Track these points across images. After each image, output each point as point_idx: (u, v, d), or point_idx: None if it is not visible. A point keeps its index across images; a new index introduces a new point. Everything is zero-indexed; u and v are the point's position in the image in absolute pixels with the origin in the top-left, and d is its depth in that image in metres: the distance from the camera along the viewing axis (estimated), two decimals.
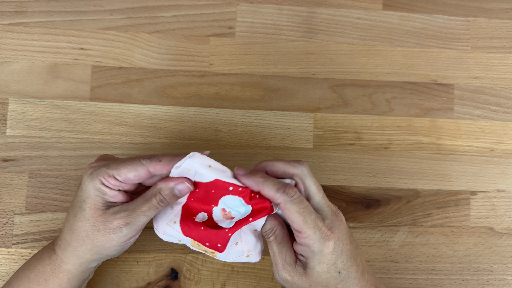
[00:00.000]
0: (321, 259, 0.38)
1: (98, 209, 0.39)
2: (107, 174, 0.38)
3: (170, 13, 0.53)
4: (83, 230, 0.39)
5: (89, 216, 0.39)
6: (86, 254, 0.40)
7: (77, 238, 0.39)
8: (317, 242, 0.38)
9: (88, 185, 0.39)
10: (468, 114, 0.53)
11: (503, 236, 0.52)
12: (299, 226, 0.38)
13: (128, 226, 0.39)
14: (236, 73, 0.52)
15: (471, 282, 0.52)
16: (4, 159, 0.50)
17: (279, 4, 0.53)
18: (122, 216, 0.39)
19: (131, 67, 0.52)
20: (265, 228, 0.40)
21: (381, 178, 0.52)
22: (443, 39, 0.54)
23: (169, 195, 0.39)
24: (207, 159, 0.39)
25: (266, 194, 0.38)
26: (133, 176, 0.39)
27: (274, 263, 0.40)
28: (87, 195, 0.39)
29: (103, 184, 0.39)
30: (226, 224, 0.40)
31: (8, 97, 0.50)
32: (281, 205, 0.38)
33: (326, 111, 0.53)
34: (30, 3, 0.52)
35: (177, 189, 0.39)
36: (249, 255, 0.41)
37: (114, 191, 0.39)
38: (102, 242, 0.39)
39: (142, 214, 0.39)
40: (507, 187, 0.53)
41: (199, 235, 0.40)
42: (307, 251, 0.39)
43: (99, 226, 0.39)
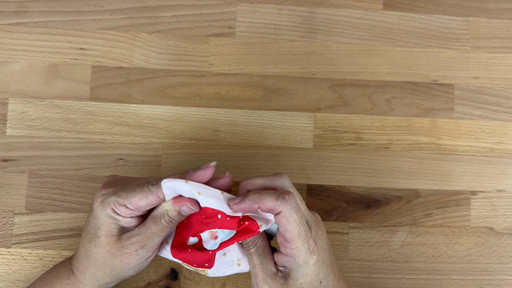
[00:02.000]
0: (305, 271, 0.38)
1: (113, 236, 0.39)
2: (118, 203, 0.38)
3: (170, 13, 0.53)
4: (99, 256, 0.39)
5: (105, 243, 0.39)
6: (105, 278, 0.40)
7: (94, 263, 0.40)
8: (304, 254, 0.38)
9: (100, 214, 0.38)
10: (468, 114, 0.53)
11: (503, 236, 0.52)
12: (292, 236, 0.37)
13: (144, 249, 0.39)
14: (236, 73, 0.52)
15: (471, 282, 0.51)
16: (4, 159, 0.50)
17: (279, 4, 0.53)
18: (136, 241, 0.39)
19: (131, 67, 0.52)
20: (245, 241, 0.40)
21: (381, 178, 0.52)
22: (443, 39, 0.54)
23: (177, 216, 0.38)
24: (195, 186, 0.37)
25: (266, 206, 0.37)
26: (144, 204, 0.38)
27: (254, 275, 0.40)
28: (101, 222, 0.39)
29: (115, 213, 0.38)
30: (211, 245, 0.40)
31: (8, 97, 0.50)
32: (281, 213, 0.37)
33: (326, 111, 0.53)
34: (30, 3, 0.52)
35: (183, 211, 0.38)
36: (240, 264, 0.41)
37: (127, 219, 0.39)
38: (120, 266, 0.39)
39: (154, 236, 0.38)
40: (507, 187, 0.53)
41: (187, 258, 0.40)
42: (292, 262, 0.38)
43: (115, 252, 0.39)
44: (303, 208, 0.39)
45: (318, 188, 0.52)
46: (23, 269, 0.49)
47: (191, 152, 0.51)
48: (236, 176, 0.51)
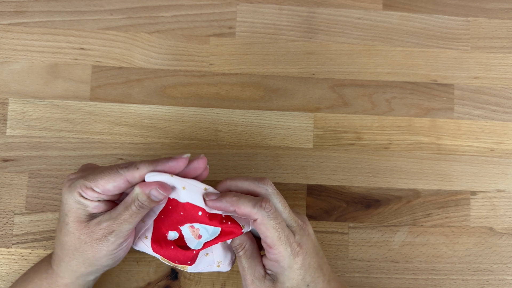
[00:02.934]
0: (291, 275, 0.38)
1: (81, 222, 0.38)
2: (85, 186, 0.37)
3: (170, 13, 0.53)
4: (70, 244, 0.38)
5: (73, 230, 0.38)
6: (80, 267, 0.39)
7: (67, 252, 0.39)
8: (287, 258, 0.38)
9: (68, 198, 0.38)
10: (468, 114, 0.53)
11: (503, 236, 0.52)
12: (272, 242, 0.37)
13: (113, 234, 0.37)
14: (236, 73, 0.52)
15: (471, 282, 0.51)
16: (4, 159, 0.50)
17: (279, 4, 0.53)
18: (105, 226, 0.37)
19: (131, 67, 0.52)
20: (234, 243, 0.40)
21: (381, 178, 0.52)
22: (443, 39, 0.54)
23: (147, 201, 0.37)
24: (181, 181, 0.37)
25: (242, 211, 0.37)
26: (111, 187, 0.37)
27: (243, 278, 0.40)
28: (68, 208, 0.38)
29: (82, 197, 0.37)
30: (195, 245, 0.40)
31: (8, 97, 0.50)
32: (258, 220, 0.37)
33: (326, 111, 0.53)
34: (30, 3, 0.52)
35: (152, 195, 0.37)
36: (220, 265, 0.41)
37: (95, 203, 0.38)
38: (92, 253, 0.38)
39: (124, 221, 0.37)
40: (507, 187, 0.53)
41: (169, 254, 0.40)
42: (277, 266, 0.38)
43: (85, 238, 0.38)
44: (286, 213, 0.39)
45: (318, 188, 0.52)
46: (23, 269, 0.49)
47: (191, 152, 0.51)
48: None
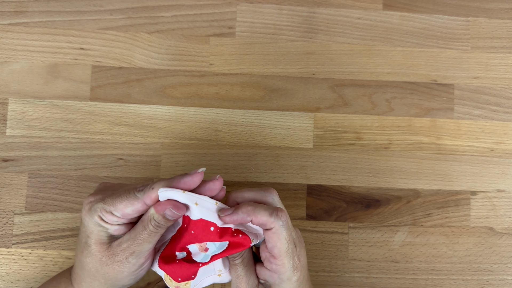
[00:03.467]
0: (287, 287, 0.39)
1: (103, 244, 0.38)
2: (105, 210, 0.37)
3: (170, 13, 0.53)
4: (92, 266, 0.38)
5: (95, 252, 0.38)
6: (101, 286, 0.39)
7: (88, 273, 0.39)
8: (288, 270, 0.38)
9: (89, 222, 0.38)
10: (468, 114, 0.53)
11: (503, 236, 0.52)
12: (280, 252, 0.37)
13: (134, 255, 0.37)
14: (236, 73, 0.52)
15: (471, 282, 0.51)
16: (4, 159, 0.50)
17: (279, 4, 0.53)
18: (126, 247, 0.37)
19: (131, 67, 0.52)
20: None
21: (381, 178, 0.52)
22: (443, 39, 0.54)
23: (163, 220, 0.37)
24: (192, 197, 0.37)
25: (259, 221, 0.37)
26: (130, 211, 0.37)
27: (237, 285, 0.39)
28: (90, 230, 0.38)
29: (103, 220, 0.37)
30: (201, 258, 0.39)
31: (8, 97, 0.50)
32: (273, 229, 0.37)
33: (326, 111, 0.53)
34: (30, 3, 0.52)
35: (167, 215, 0.37)
36: (221, 274, 0.41)
37: (115, 226, 0.38)
38: (113, 274, 0.38)
39: (143, 241, 0.37)
40: (507, 187, 0.53)
41: (173, 269, 0.39)
42: (275, 277, 0.38)
43: (107, 260, 0.38)
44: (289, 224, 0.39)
45: (318, 188, 0.52)
46: (23, 269, 0.49)
47: (191, 152, 0.51)
48: (236, 176, 0.51)
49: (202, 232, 0.38)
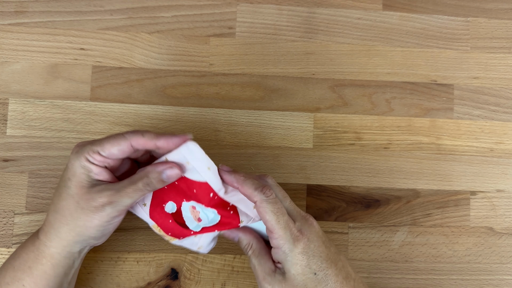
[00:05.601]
0: (293, 260, 0.39)
1: (83, 187, 0.39)
2: (92, 151, 0.38)
3: (170, 13, 0.53)
4: (66, 208, 0.39)
5: (74, 194, 0.39)
6: (68, 235, 0.39)
7: (60, 218, 0.39)
8: (288, 242, 0.39)
9: (74, 163, 0.39)
10: (468, 114, 0.53)
11: (503, 236, 0.52)
12: (272, 225, 0.39)
13: (111, 205, 0.38)
14: (236, 73, 0.52)
15: (471, 282, 0.52)
16: (4, 159, 0.50)
17: (279, 4, 0.53)
18: (106, 195, 0.38)
19: (131, 67, 0.52)
20: (242, 244, 0.42)
21: (381, 178, 0.52)
22: (443, 39, 0.54)
23: (156, 179, 0.39)
24: (208, 161, 0.40)
25: (244, 191, 0.40)
26: (116, 150, 0.39)
27: (255, 275, 0.41)
28: (72, 173, 0.39)
29: (88, 161, 0.39)
30: (194, 226, 0.42)
31: (8, 97, 0.50)
32: (256, 203, 0.39)
33: (326, 111, 0.53)
34: (30, 3, 0.52)
35: (165, 175, 0.39)
36: (200, 248, 0.43)
37: (100, 168, 0.39)
38: (84, 221, 0.39)
39: (126, 195, 0.38)
40: (507, 187, 0.53)
41: (165, 226, 0.42)
42: (280, 253, 0.39)
43: (83, 204, 0.38)
44: (287, 202, 0.41)
45: (318, 188, 0.52)
46: None
47: None
48: None
49: (202, 194, 0.40)
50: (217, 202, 0.41)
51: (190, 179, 0.40)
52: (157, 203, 0.42)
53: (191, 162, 0.40)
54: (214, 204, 0.41)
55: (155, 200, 0.42)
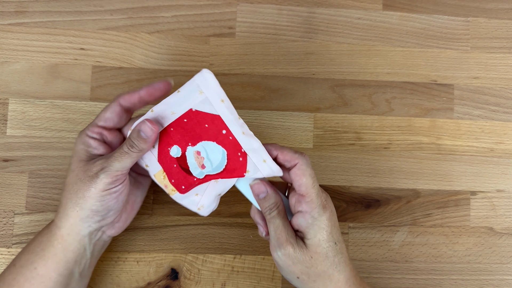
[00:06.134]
0: (321, 224, 0.40)
1: (81, 161, 0.41)
2: (91, 125, 0.42)
3: (170, 13, 0.53)
4: (69, 182, 0.41)
5: (74, 168, 0.41)
6: (73, 211, 0.40)
7: (65, 194, 0.41)
8: (318, 207, 0.40)
9: (77, 142, 0.42)
10: (468, 114, 0.53)
11: (503, 236, 0.52)
12: (307, 188, 0.40)
13: (103, 171, 0.40)
14: (236, 73, 0.52)
15: (471, 282, 0.52)
16: (4, 159, 0.50)
17: (279, 4, 0.53)
18: (98, 163, 0.40)
19: (131, 67, 0.52)
20: (268, 201, 0.42)
21: (381, 178, 0.52)
22: (443, 39, 0.54)
23: (136, 138, 0.40)
24: (222, 93, 0.39)
25: (285, 156, 0.40)
26: (109, 113, 0.42)
27: (277, 237, 0.40)
28: (74, 151, 0.42)
29: (88, 136, 0.42)
30: (197, 173, 0.42)
31: (9, 97, 0.50)
32: (297, 165, 0.40)
33: (326, 111, 0.53)
34: (30, 3, 0.52)
35: (141, 132, 0.40)
36: (200, 209, 0.43)
37: (97, 142, 0.42)
38: (83, 191, 0.40)
39: (115, 160, 0.40)
40: (507, 187, 0.53)
41: (170, 170, 0.42)
42: (307, 217, 0.40)
43: (81, 175, 0.40)
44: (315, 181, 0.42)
45: None
46: None
47: None
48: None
49: (215, 129, 0.40)
50: (229, 143, 0.40)
51: (202, 112, 0.40)
52: (163, 147, 0.41)
53: (204, 92, 0.39)
54: (225, 144, 0.40)
55: (162, 144, 0.41)
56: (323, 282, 0.41)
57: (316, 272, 0.40)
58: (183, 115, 0.40)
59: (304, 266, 0.40)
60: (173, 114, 0.40)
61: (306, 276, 0.41)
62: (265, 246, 0.51)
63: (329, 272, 0.40)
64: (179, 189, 0.42)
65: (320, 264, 0.40)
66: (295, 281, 0.42)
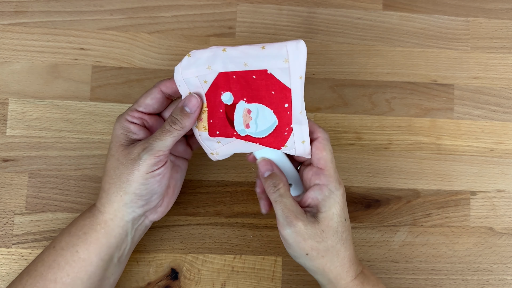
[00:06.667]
0: (337, 198, 0.41)
1: (121, 145, 0.41)
2: (130, 110, 0.42)
3: (170, 13, 0.53)
4: (110, 167, 0.41)
5: (114, 152, 0.41)
6: (117, 195, 0.41)
7: (107, 179, 0.41)
8: (335, 181, 0.41)
9: (115, 127, 0.42)
10: (468, 114, 0.53)
11: (503, 236, 0.52)
12: (326, 162, 0.41)
13: (145, 151, 0.39)
14: None
15: (471, 282, 0.52)
16: (4, 159, 0.50)
17: (279, 4, 0.53)
18: (139, 145, 0.40)
19: (131, 67, 0.52)
20: (273, 180, 0.42)
21: (381, 178, 0.52)
22: (443, 39, 0.54)
23: (179, 115, 0.40)
24: (304, 70, 0.38)
25: (310, 127, 0.41)
26: (149, 100, 0.42)
27: (285, 216, 0.40)
28: (114, 135, 0.42)
29: (128, 121, 0.42)
30: (240, 129, 0.41)
31: (8, 97, 0.50)
32: (319, 138, 0.41)
33: (326, 111, 0.53)
34: (30, 3, 0.52)
35: (186, 107, 0.40)
36: (213, 154, 0.44)
37: (138, 126, 0.42)
38: (126, 175, 0.40)
39: (156, 138, 0.40)
40: (507, 187, 0.53)
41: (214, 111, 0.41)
42: (325, 190, 0.41)
43: (122, 159, 0.40)
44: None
45: None
46: (23, 269, 0.49)
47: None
48: (236, 176, 0.51)
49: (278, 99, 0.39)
50: (285, 116, 0.39)
51: (275, 78, 0.38)
52: (217, 87, 0.40)
53: (290, 61, 0.36)
54: (281, 116, 0.39)
55: (217, 84, 0.40)
56: (331, 257, 0.41)
57: (326, 246, 0.41)
58: (254, 71, 0.38)
59: (314, 241, 0.40)
60: (246, 65, 0.38)
61: (316, 251, 0.41)
62: (265, 246, 0.51)
63: (337, 248, 0.41)
64: (211, 131, 0.41)
65: (330, 238, 0.41)
66: (303, 258, 0.41)
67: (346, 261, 0.42)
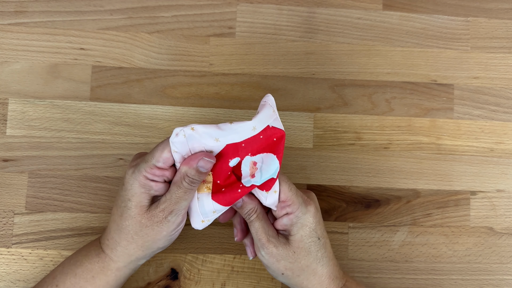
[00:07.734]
0: (304, 222, 0.41)
1: (142, 206, 0.40)
2: (148, 167, 0.39)
3: (170, 13, 0.53)
4: (131, 228, 0.40)
5: (135, 214, 0.40)
6: (137, 251, 0.41)
7: (126, 237, 0.40)
8: (301, 206, 0.41)
9: (132, 184, 0.39)
10: (468, 114, 0.53)
11: (503, 236, 0.52)
12: (285, 195, 0.41)
13: (173, 214, 0.39)
14: (236, 73, 0.52)
15: (471, 282, 0.52)
16: (4, 159, 0.50)
17: (279, 4, 0.53)
18: (164, 207, 0.39)
19: (131, 67, 0.52)
20: (246, 208, 0.42)
21: (381, 178, 0.52)
22: (443, 39, 0.54)
23: (196, 175, 0.39)
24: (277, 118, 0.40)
25: None
26: (166, 153, 0.38)
27: (258, 239, 0.42)
28: (132, 193, 0.39)
29: (148, 179, 0.39)
30: (245, 180, 0.41)
31: (8, 97, 0.50)
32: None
33: (326, 111, 0.53)
34: (30, 3, 0.52)
35: (200, 167, 0.39)
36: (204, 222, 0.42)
37: (160, 184, 0.39)
38: (152, 235, 0.40)
39: (180, 200, 0.39)
40: (507, 187, 0.53)
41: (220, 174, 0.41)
42: (292, 218, 0.41)
43: (146, 222, 0.40)
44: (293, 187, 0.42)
45: (318, 188, 0.52)
46: (23, 269, 0.49)
47: None
48: None
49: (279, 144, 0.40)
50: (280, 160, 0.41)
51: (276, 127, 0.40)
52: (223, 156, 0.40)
53: (275, 111, 0.40)
54: (279, 160, 0.41)
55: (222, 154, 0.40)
56: (307, 276, 0.42)
57: (300, 266, 0.42)
58: (261, 132, 0.40)
59: (287, 262, 0.42)
60: (254, 129, 0.40)
61: (290, 271, 0.42)
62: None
63: (312, 267, 0.42)
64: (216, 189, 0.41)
65: (303, 258, 0.41)
66: (280, 277, 0.43)
67: (325, 278, 0.42)
